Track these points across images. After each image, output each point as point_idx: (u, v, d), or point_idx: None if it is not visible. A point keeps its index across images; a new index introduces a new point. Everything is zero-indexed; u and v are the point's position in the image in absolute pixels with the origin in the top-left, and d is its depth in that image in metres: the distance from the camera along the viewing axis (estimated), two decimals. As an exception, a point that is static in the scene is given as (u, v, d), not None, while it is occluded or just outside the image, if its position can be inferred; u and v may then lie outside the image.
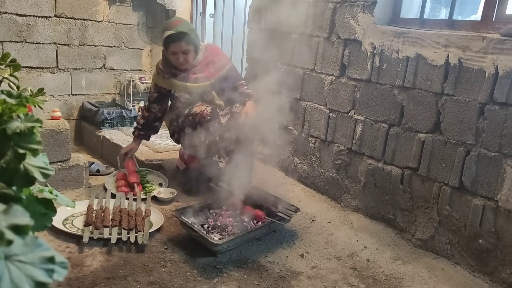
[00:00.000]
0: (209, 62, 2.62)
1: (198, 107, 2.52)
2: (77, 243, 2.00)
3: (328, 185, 2.79)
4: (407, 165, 2.29)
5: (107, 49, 3.87)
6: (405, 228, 2.33)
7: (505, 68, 1.84)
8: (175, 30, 2.43)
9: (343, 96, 2.63)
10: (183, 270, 1.86)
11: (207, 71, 2.60)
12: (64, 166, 2.57)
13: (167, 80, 2.60)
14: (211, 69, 2.61)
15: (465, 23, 2.18)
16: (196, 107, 2.53)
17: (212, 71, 2.61)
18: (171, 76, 2.59)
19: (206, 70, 2.60)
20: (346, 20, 2.56)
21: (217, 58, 2.65)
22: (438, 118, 2.13)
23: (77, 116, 3.84)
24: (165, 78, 2.61)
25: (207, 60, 2.62)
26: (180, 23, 2.48)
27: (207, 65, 2.61)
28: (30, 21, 3.42)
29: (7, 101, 0.76)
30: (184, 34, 2.44)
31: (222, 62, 2.66)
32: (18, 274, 0.42)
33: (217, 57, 2.66)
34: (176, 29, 2.43)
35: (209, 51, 2.67)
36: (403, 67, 2.25)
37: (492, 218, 1.93)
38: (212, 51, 2.69)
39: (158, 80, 2.64)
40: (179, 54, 2.49)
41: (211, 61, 2.62)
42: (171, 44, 2.47)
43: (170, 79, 2.60)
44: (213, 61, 2.62)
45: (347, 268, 2.00)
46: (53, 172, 0.76)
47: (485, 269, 1.98)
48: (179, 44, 2.46)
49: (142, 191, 2.57)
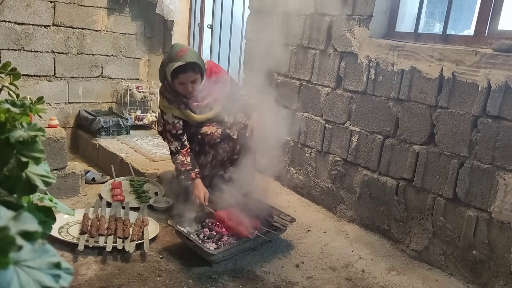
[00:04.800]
0: (212, 82, 2.55)
1: (208, 128, 2.51)
2: (72, 251, 1.99)
3: (323, 196, 2.80)
4: (402, 176, 2.31)
5: (104, 58, 3.89)
6: (399, 239, 2.34)
7: (497, 82, 1.87)
8: (183, 61, 2.32)
9: (339, 107, 2.66)
10: (178, 279, 1.86)
11: (214, 93, 2.55)
12: (60, 174, 2.57)
13: (184, 111, 2.50)
14: (216, 89, 2.56)
15: (458, 37, 2.22)
16: (205, 127, 2.52)
17: (218, 92, 2.56)
18: (186, 107, 2.50)
19: (212, 92, 2.55)
20: (342, 33, 2.60)
21: (219, 76, 2.59)
22: (432, 130, 2.16)
23: (73, 124, 3.84)
24: (181, 109, 2.50)
25: (210, 81, 2.55)
26: (187, 53, 2.37)
27: (211, 86, 2.55)
28: (29, 30, 3.44)
29: (10, 110, 0.77)
30: (193, 64, 2.35)
31: (224, 79, 2.60)
32: (26, 279, 0.43)
33: (218, 75, 2.59)
34: (184, 59, 2.32)
35: (208, 69, 2.59)
36: (398, 80, 2.29)
37: (486, 229, 1.95)
38: (212, 69, 2.61)
39: (175, 111, 2.50)
40: (187, 84, 2.39)
41: (214, 81, 2.55)
42: (181, 75, 2.36)
43: (186, 110, 2.50)
44: (216, 81, 2.56)
45: (342, 279, 2.01)
46: (54, 180, 0.77)
47: (478, 280, 1.99)
48: (188, 75, 2.37)
49: (139, 201, 2.58)
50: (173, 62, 2.33)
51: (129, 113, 3.93)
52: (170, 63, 2.35)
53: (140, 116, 3.97)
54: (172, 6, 3.79)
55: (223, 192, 2.44)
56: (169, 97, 2.49)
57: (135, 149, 3.34)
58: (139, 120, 3.96)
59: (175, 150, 2.49)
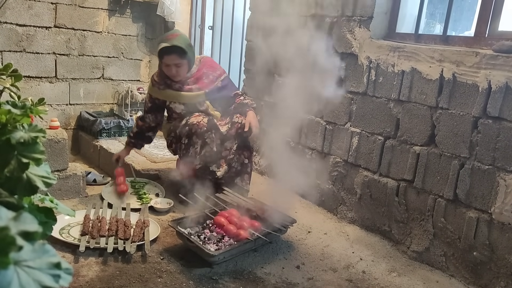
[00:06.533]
0: (203, 73, 2.66)
1: (195, 118, 2.54)
2: (73, 252, 1.99)
3: (324, 197, 2.80)
4: (402, 177, 2.31)
5: (106, 59, 3.90)
6: (400, 240, 2.34)
7: (497, 83, 1.88)
8: (169, 43, 2.46)
9: (340, 108, 2.66)
10: (179, 281, 1.86)
11: (201, 82, 2.65)
12: (61, 175, 2.57)
13: (162, 91, 2.65)
14: (205, 80, 2.66)
15: (459, 38, 2.23)
16: (192, 118, 2.55)
17: (206, 82, 2.65)
18: (166, 87, 2.64)
19: (200, 81, 2.65)
20: (343, 34, 2.60)
21: (211, 69, 2.69)
22: (433, 131, 2.16)
23: (74, 125, 3.85)
24: (160, 89, 2.65)
25: (201, 72, 2.66)
26: (177, 37, 2.51)
27: (201, 76, 2.66)
28: (30, 31, 3.45)
29: (11, 112, 0.77)
30: (177, 48, 2.47)
31: (216, 73, 2.70)
32: (26, 279, 0.43)
33: (211, 68, 2.71)
34: (171, 42, 2.47)
35: (202, 62, 2.72)
36: (399, 81, 2.29)
37: (486, 230, 1.94)
38: (206, 62, 2.73)
39: (153, 91, 2.68)
40: (171, 66, 2.52)
41: (205, 73, 2.67)
42: (165, 56, 2.51)
43: (164, 90, 2.64)
44: (207, 73, 2.67)
45: (342, 280, 2.00)
46: (55, 181, 0.77)
47: (479, 282, 1.99)
48: (172, 57, 2.50)
49: (139, 202, 2.58)
50: (161, 42, 2.50)
51: (130, 115, 3.93)
52: (159, 43, 2.52)
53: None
54: (173, 8, 3.80)
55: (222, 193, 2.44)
56: (155, 79, 2.69)
57: (136, 150, 3.34)
58: (140, 121, 3.96)
59: (138, 119, 2.80)
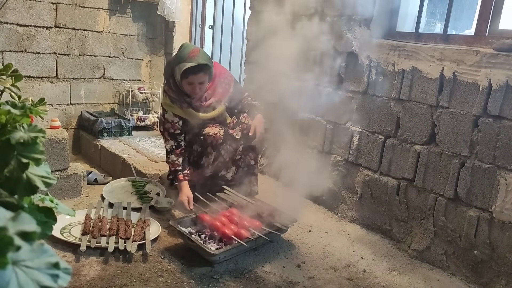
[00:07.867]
0: (217, 82, 2.54)
1: (211, 129, 2.50)
2: (74, 252, 2.00)
3: (324, 196, 2.80)
4: (403, 176, 2.31)
5: (106, 59, 3.90)
6: (401, 239, 2.34)
7: (498, 81, 1.87)
8: (195, 62, 2.30)
9: (340, 107, 2.66)
10: (180, 280, 1.87)
11: (217, 93, 2.54)
12: (62, 175, 2.58)
13: (186, 110, 2.49)
14: (219, 89, 2.55)
15: (459, 37, 2.22)
16: (208, 128, 2.50)
17: (221, 92, 2.55)
18: (189, 106, 2.49)
19: (216, 92, 2.54)
20: (343, 34, 2.60)
21: (222, 76, 2.57)
22: (434, 130, 2.16)
23: (75, 125, 3.86)
24: (183, 108, 2.49)
25: (215, 82, 2.54)
26: (199, 53, 2.35)
27: (215, 86, 2.54)
28: (31, 31, 3.45)
29: (11, 112, 0.78)
30: (204, 66, 2.35)
31: (227, 80, 2.59)
32: (25, 279, 0.43)
33: (222, 75, 2.58)
34: (197, 61, 2.31)
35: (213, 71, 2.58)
36: (399, 80, 2.29)
37: (487, 229, 1.94)
38: (216, 69, 2.58)
39: (176, 110, 2.49)
40: (196, 84, 2.38)
41: (218, 82, 2.55)
42: (190, 75, 2.34)
43: (189, 109, 2.49)
44: (219, 80, 2.55)
45: (343, 279, 2.01)
46: (55, 181, 0.78)
47: (480, 280, 1.99)
48: (199, 76, 2.36)
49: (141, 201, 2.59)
50: (185, 62, 2.31)
51: (131, 114, 3.94)
52: (181, 62, 2.33)
53: (142, 117, 3.99)
54: (174, 7, 3.80)
55: (226, 193, 2.45)
56: (172, 95, 2.48)
57: (137, 150, 3.35)
58: (141, 121, 3.97)
59: (170, 149, 2.52)
